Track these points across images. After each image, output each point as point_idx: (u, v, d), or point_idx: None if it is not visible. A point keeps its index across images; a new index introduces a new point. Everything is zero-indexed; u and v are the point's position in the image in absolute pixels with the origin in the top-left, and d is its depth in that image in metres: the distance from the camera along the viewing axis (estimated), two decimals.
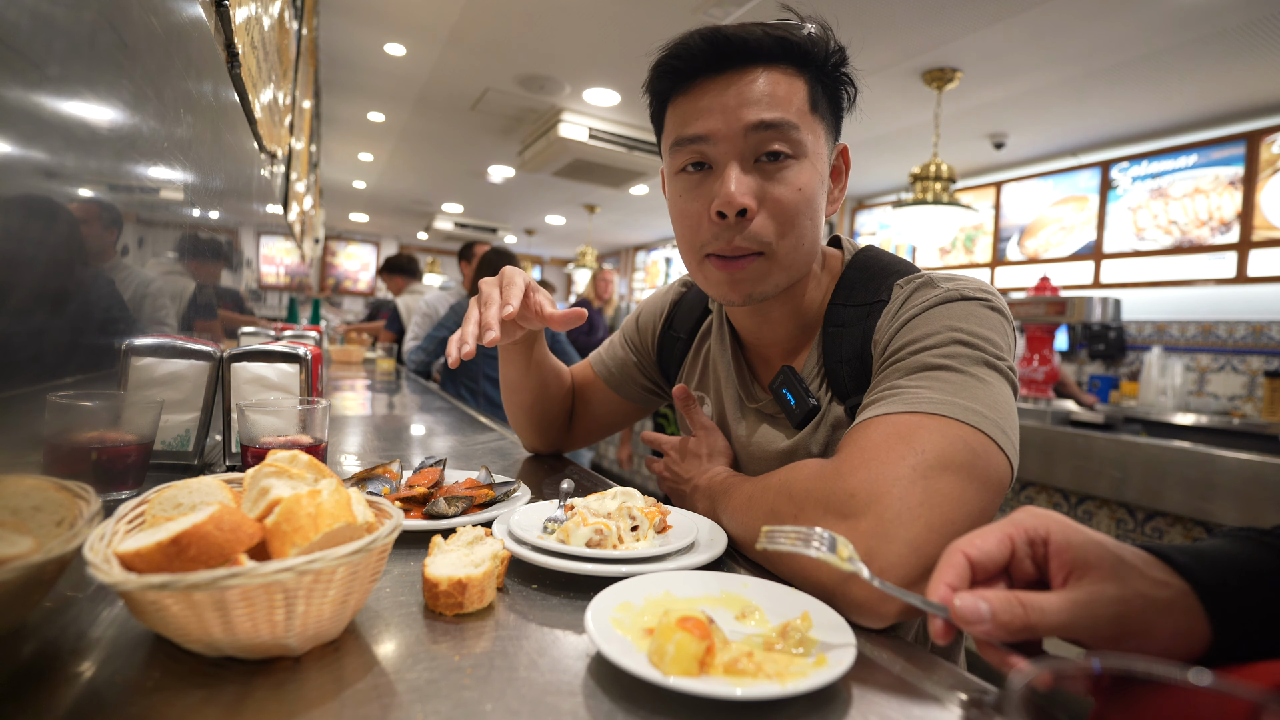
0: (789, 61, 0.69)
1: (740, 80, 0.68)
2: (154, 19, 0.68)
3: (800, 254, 0.72)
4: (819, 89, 0.72)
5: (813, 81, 0.71)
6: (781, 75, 0.69)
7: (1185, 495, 1.99)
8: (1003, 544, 0.44)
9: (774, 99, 0.68)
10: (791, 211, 0.69)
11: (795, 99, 0.69)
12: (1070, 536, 0.43)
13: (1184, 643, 0.41)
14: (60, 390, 0.52)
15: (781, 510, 0.62)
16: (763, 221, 0.69)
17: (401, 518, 0.48)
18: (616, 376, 1.05)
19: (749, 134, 0.67)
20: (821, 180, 0.72)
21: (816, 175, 0.71)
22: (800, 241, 0.71)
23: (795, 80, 0.70)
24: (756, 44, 0.68)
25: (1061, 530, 0.43)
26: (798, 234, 0.70)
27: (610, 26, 3.28)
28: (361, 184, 7.47)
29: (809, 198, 0.70)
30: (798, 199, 0.69)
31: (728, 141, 0.68)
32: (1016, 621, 0.40)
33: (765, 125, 0.67)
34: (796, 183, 0.69)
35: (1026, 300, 2.89)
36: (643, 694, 0.40)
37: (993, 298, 0.69)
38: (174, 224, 0.87)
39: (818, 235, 0.74)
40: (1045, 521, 0.44)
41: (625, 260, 10.28)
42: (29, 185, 0.44)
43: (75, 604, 0.45)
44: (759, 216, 0.69)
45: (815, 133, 0.71)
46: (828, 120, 0.74)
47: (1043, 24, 2.90)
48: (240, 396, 0.86)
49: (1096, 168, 4.46)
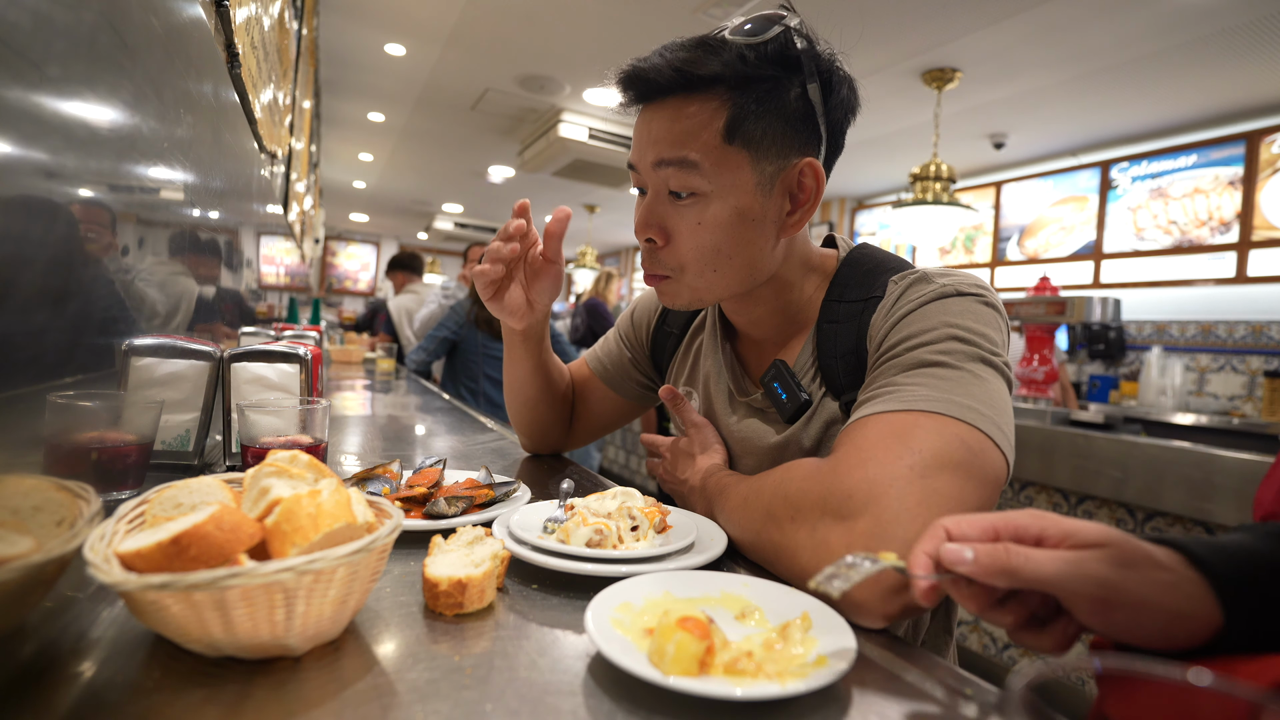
0: (699, 89, 0.66)
1: (659, 113, 0.69)
2: (154, 19, 0.68)
3: (716, 279, 0.72)
4: (747, 112, 0.66)
5: (738, 104, 0.65)
6: (696, 104, 0.66)
7: (1185, 495, 1.99)
8: (986, 533, 0.44)
9: (677, 136, 0.67)
10: (691, 245, 0.70)
11: (702, 132, 0.66)
12: (1067, 525, 0.42)
13: (1187, 626, 0.40)
14: (60, 390, 0.52)
15: (778, 512, 0.62)
16: (670, 251, 0.72)
17: (401, 518, 0.48)
18: (613, 374, 1.05)
19: (656, 169, 0.69)
20: (738, 211, 0.68)
21: (726, 208, 0.68)
22: (708, 269, 0.71)
23: (711, 105, 0.66)
24: (659, 76, 0.66)
25: (1058, 525, 0.43)
26: (705, 264, 0.71)
27: (610, 26, 3.28)
28: (361, 184, 7.47)
29: (711, 231, 0.69)
30: (697, 233, 0.70)
31: (645, 173, 0.71)
32: (998, 563, 0.40)
33: (664, 163, 0.68)
34: (697, 219, 0.69)
35: (1026, 300, 2.89)
36: (643, 694, 0.40)
37: (987, 293, 0.69)
38: (174, 224, 0.87)
39: (749, 260, 0.72)
40: (1041, 521, 0.43)
41: (625, 260, 10.28)
42: (29, 185, 0.44)
43: (75, 604, 0.45)
44: (668, 246, 0.72)
45: (729, 164, 0.67)
46: (763, 143, 0.67)
47: (1043, 24, 2.90)
48: (240, 396, 0.86)
49: (1096, 168, 4.46)
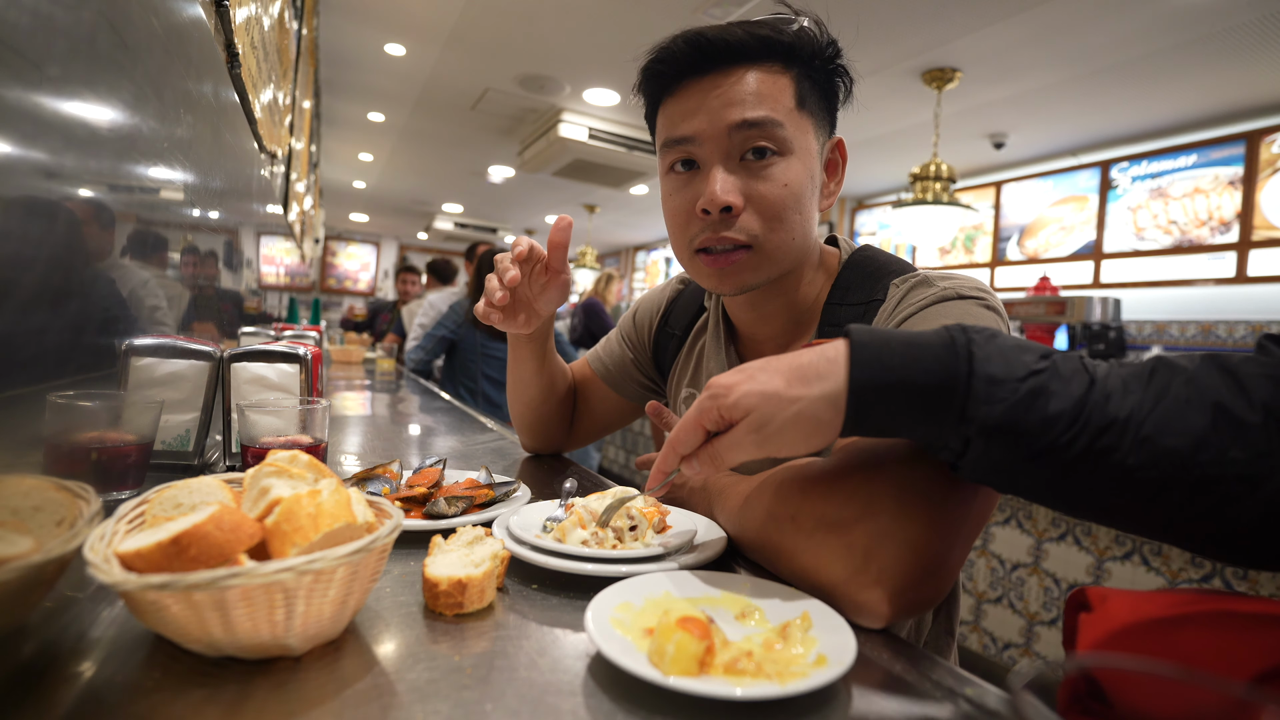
0: (773, 59, 0.70)
1: (725, 80, 0.70)
2: (154, 19, 0.68)
3: (790, 248, 0.73)
4: (807, 85, 0.72)
5: (800, 78, 0.71)
6: (766, 73, 0.70)
7: None
8: (696, 433, 0.53)
9: (758, 97, 0.69)
10: (778, 207, 0.70)
11: (781, 96, 0.70)
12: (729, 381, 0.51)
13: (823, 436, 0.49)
14: (60, 390, 0.52)
15: (778, 512, 0.62)
16: (749, 217, 0.71)
17: (401, 518, 0.48)
18: (614, 374, 1.05)
19: (733, 133, 0.69)
20: (811, 176, 0.73)
21: (804, 171, 0.71)
22: (790, 236, 0.72)
23: (781, 77, 0.70)
24: (739, 44, 0.69)
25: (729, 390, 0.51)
26: (786, 229, 0.71)
27: (610, 26, 3.28)
28: (361, 184, 7.47)
29: (796, 193, 0.71)
30: (784, 194, 0.70)
31: (713, 142, 0.70)
32: (707, 466, 0.54)
33: (749, 124, 0.69)
34: (783, 179, 0.70)
35: (1026, 300, 2.89)
36: (643, 694, 0.40)
37: (988, 296, 0.70)
38: (174, 224, 0.86)
39: (809, 229, 0.74)
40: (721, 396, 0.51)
41: (625, 260, 10.28)
42: (29, 185, 0.44)
43: (75, 604, 0.45)
44: (745, 213, 0.71)
45: (803, 129, 0.71)
46: (818, 116, 0.74)
47: (1043, 24, 2.90)
48: (240, 396, 0.86)
49: (1096, 168, 4.46)
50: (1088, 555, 2.22)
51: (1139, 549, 2.10)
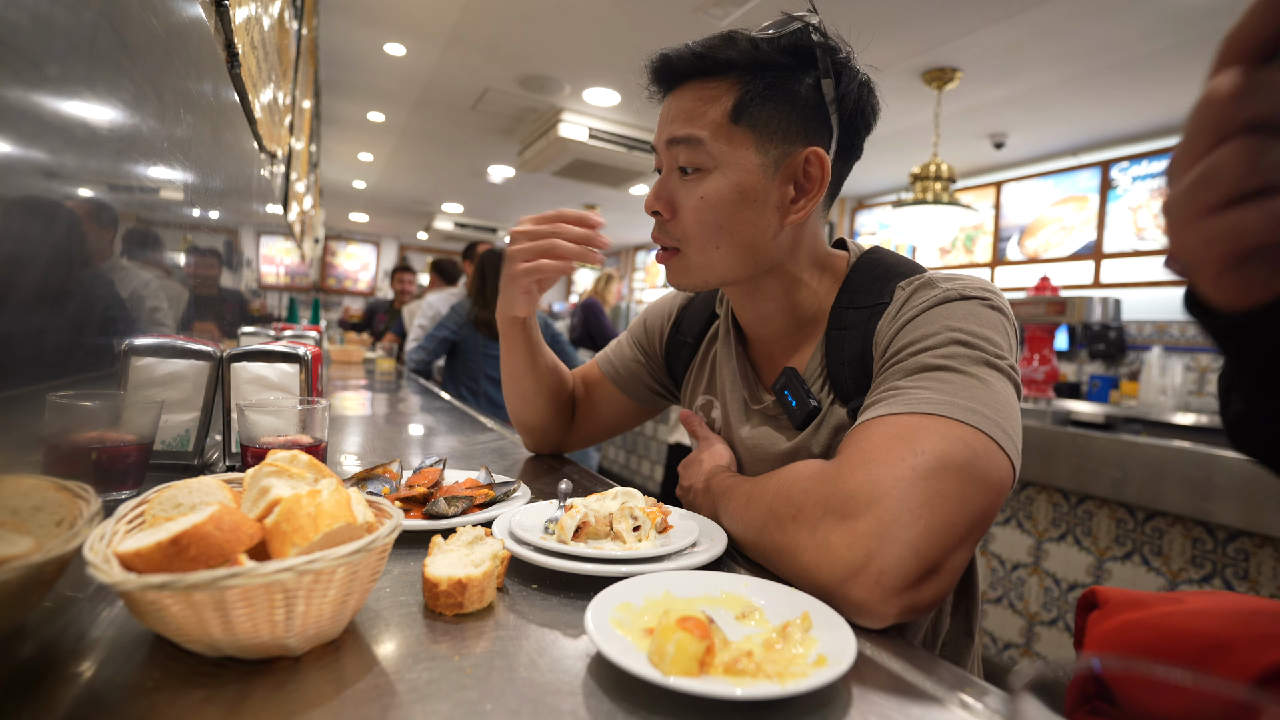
0: (710, 74, 0.73)
1: (676, 97, 0.75)
2: (154, 19, 0.68)
3: (717, 256, 0.75)
4: (756, 97, 0.70)
5: (746, 90, 0.70)
6: (702, 89, 0.73)
7: (1185, 495, 1.99)
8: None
9: (687, 115, 0.73)
10: (693, 217, 0.74)
11: (710, 112, 0.72)
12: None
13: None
14: (60, 390, 0.52)
15: (780, 511, 0.62)
16: (675, 224, 0.76)
17: (401, 518, 0.48)
18: (624, 377, 1.05)
19: (669, 148, 0.75)
20: (739, 189, 0.72)
21: (728, 185, 0.72)
22: (709, 244, 0.74)
23: (717, 91, 0.72)
24: (680, 61, 0.73)
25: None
26: (705, 238, 0.74)
27: (610, 26, 3.28)
28: (361, 184, 7.47)
29: (713, 205, 0.73)
30: (699, 206, 0.73)
31: (661, 152, 0.77)
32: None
33: (675, 141, 0.74)
34: (699, 192, 0.73)
35: (1026, 300, 2.89)
36: (643, 694, 0.40)
37: (993, 296, 0.69)
38: (174, 224, 0.86)
39: (749, 240, 0.73)
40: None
41: (625, 260, 10.28)
42: (29, 185, 0.44)
43: (75, 604, 0.45)
44: (674, 219, 0.76)
45: (735, 143, 0.71)
46: (768, 127, 0.70)
47: (1043, 24, 2.90)
48: (240, 396, 0.86)
49: (1096, 167, 4.46)
50: (1088, 555, 2.22)
51: (1139, 549, 2.10)
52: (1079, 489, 2.27)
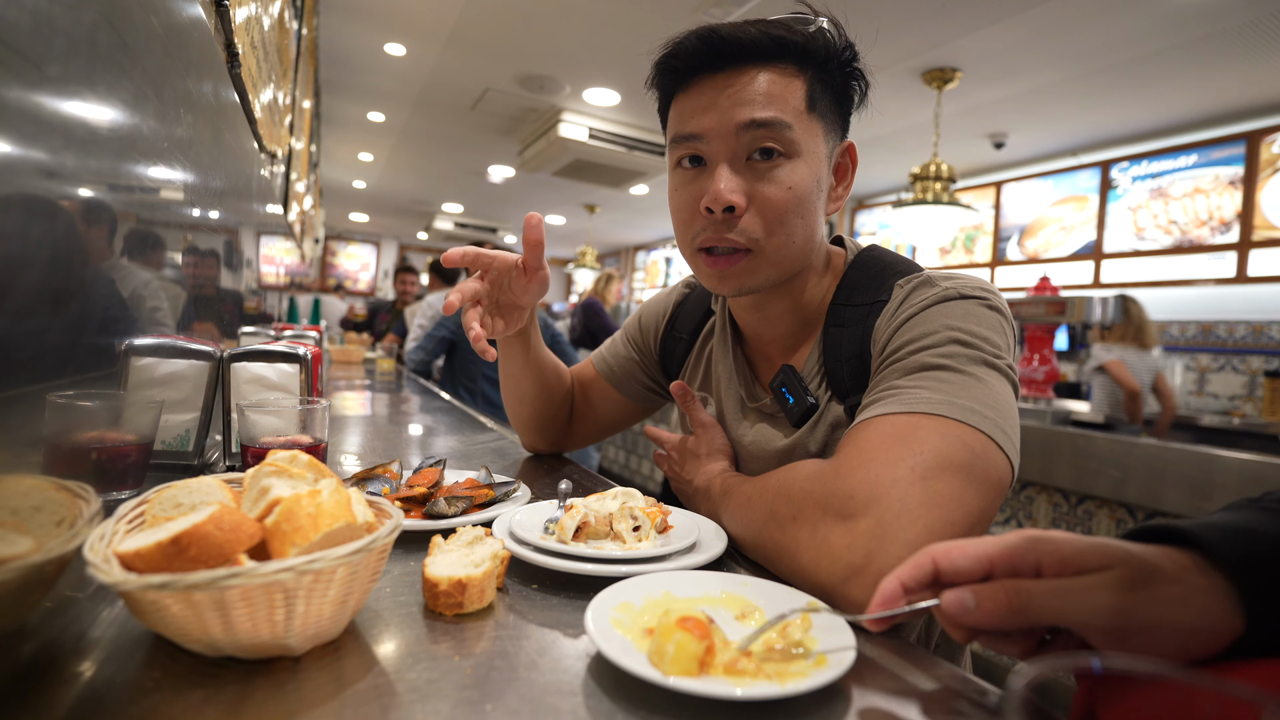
0: (786, 60, 0.69)
1: (737, 79, 0.69)
2: (154, 19, 0.68)
3: (790, 251, 0.72)
4: (819, 87, 0.71)
5: (813, 80, 0.70)
6: (778, 74, 0.69)
7: (1185, 495, 1.99)
8: (979, 564, 0.41)
9: (768, 98, 0.68)
10: (781, 210, 0.69)
11: (791, 98, 0.69)
12: (1064, 550, 0.39)
13: (1206, 639, 0.37)
14: (60, 390, 0.52)
15: (780, 511, 0.62)
16: (751, 219, 0.70)
17: (401, 518, 0.48)
18: (618, 375, 1.05)
19: (740, 133, 0.68)
20: (817, 179, 0.71)
21: (810, 174, 0.70)
22: (790, 239, 0.71)
23: (793, 79, 0.69)
24: (752, 43, 0.68)
25: (1055, 549, 0.40)
26: (787, 232, 0.71)
27: (610, 26, 3.28)
28: (361, 184, 7.47)
29: (799, 196, 0.70)
30: (787, 197, 0.69)
31: (720, 140, 0.70)
32: (1002, 607, 0.38)
33: (757, 124, 0.68)
34: (787, 181, 0.69)
35: (1026, 300, 2.89)
36: (643, 694, 0.40)
37: (991, 296, 0.69)
38: (174, 224, 0.86)
39: (812, 233, 0.74)
40: (1037, 547, 0.40)
41: (625, 260, 10.28)
42: (29, 185, 0.44)
43: (75, 604, 0.45)
44: (748, 214, 0.70)
45: (811, 131, 0.70)
46: (829, 119, 0.73)
47: (1043, 24, 2.90)
48: (240, 396, 0.86)
49: (1096, 168, 4.46)
50: None
51: None
52: (1079, 489, 2.27)
